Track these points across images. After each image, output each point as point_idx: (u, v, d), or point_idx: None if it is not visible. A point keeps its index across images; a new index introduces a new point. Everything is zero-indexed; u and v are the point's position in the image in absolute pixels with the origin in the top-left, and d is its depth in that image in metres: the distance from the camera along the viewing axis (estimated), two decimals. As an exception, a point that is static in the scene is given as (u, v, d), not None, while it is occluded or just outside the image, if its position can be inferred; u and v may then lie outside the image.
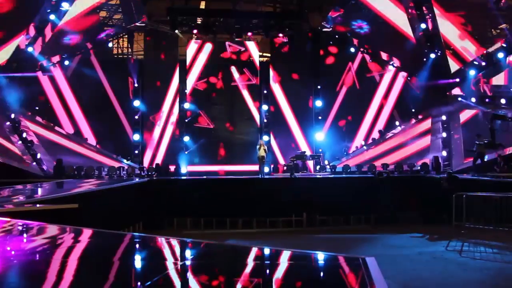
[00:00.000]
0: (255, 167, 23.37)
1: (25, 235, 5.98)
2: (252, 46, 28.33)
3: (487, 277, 10.67)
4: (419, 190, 19.39)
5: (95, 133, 25.70)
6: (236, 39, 27.44)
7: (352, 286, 3.73)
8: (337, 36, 26.82)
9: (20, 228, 6.26)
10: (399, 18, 24.52)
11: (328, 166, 25.42)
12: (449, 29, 23.74)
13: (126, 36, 26.88)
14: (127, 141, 26.51)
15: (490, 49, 23.06)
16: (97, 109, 25.38)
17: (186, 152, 26.77)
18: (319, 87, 27.33)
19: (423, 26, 23.47)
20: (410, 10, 23.95)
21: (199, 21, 26.17)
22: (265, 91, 28.00)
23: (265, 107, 27.84)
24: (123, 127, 26.51)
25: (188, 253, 4.95)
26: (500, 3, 21.11)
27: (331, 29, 26.53)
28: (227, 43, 27.89)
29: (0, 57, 22.69)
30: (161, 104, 26.85)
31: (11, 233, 6.12)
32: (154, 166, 24.98)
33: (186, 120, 27.29)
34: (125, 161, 25.60)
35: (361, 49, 26.75)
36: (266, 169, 23.23)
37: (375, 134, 26.80)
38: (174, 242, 5.81)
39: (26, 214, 7.60)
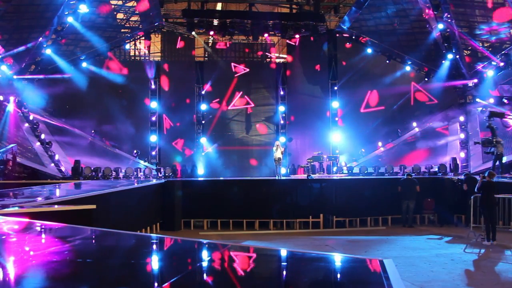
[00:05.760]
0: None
1: (43, 235, 6.03)
2: (268, 47, 28.44)
3: (507, 279, 10.55)
4: (436, 191, 19.18)
5: (112, 134, 25.89)
6: (253, 41, 27.52)
7: (370, 288, 3.72)
8: (353, 37, 26.69)
9: (38, 228, 6.31)
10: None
11: (344, 168, 25.30)
12: (466, 29, 23.58)
13: (143, 37, 27.05)
14: (144, 142, 26.68)
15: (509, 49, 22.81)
16: (114, 111, 25.54)
17: (203, 154, 26.89)
18: (335, 88, 27.27)
19: (440, 26, 23.29)
20: (427, 10, 23.79)
21: (215, 22, 26.23)
22: (281, 92, 28.04)
23: (282, 108, 27.87)
24: (140, 129, 26.68)
25: (205, 254, 4.95)
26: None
27: (347, 29, 26.40)
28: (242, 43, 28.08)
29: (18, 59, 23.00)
30: (178, 105, 27.02)
31: (31, 233, 6.17)
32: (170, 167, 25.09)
33: (203, 122, 27.45)
34: (142, 162, 25.75)
35: (378, 50, 26.57)
36: (283, 170, 23.18)
37: (393, 135, 26.60)
38: (191, 244, 5.83)
39: (44, 215, 7.64)
